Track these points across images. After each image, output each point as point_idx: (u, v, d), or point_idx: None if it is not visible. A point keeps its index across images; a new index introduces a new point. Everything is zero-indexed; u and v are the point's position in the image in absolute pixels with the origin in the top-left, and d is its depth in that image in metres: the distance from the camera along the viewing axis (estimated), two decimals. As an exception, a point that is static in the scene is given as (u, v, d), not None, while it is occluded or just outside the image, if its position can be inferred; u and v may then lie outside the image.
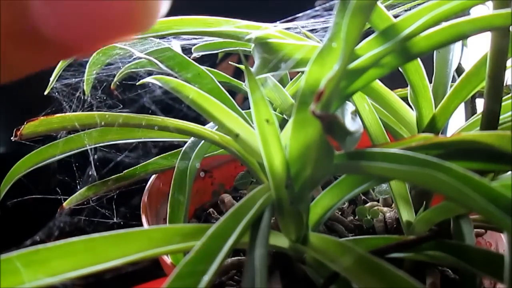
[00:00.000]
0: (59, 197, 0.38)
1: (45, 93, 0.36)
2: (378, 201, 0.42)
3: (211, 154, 0.41)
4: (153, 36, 0.33)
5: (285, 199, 0.25)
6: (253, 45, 0.29)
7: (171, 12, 0.17)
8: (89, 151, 0.34)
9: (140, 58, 0.36)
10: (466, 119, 0.41)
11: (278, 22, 0.35)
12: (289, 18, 0.36)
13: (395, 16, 0.27)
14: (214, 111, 0.31)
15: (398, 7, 0.35)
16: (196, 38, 0.38)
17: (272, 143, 0.24)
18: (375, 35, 0.24)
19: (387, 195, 0.41)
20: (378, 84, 0.34)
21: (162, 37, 0.36)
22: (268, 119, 0.23)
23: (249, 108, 0.24)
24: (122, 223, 0.40)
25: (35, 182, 0.37)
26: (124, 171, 0.39)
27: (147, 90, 0.36)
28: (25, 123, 0.31)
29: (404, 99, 0.35)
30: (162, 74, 0.34)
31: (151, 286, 0.54)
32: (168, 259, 0.33)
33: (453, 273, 0.34)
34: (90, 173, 0.35)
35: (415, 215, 0.32)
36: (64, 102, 0.37)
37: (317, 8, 0.32)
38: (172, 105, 0.35)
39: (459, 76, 0.32)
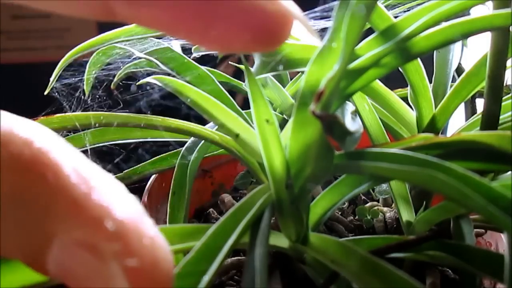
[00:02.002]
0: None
1: (45, 93, 0.36)
2: (378, 201, 0.42)
3: (211, 154, 0.40)
4: (153, 36, 0.33)
5: (285, 199, 0.25)
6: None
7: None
8: (88, 151, 0.34)
9: (140, 58, 0.36)
10: (466, 119, 0.41)
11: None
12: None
13: (395, 16, 0.27)
14: (214, 111, 0.31)
15: (398, 7, 0.35)
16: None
17: (272, 143, 0.24)
18: (375, 35, 0.24)
19: (387, 195, 0.41)
20: (378, 84, 0.34)
21: (162, 37, 0.36)
22: (268, 119, 0.23)
23: (249, 108, 0.24)
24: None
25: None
26: (124, 171, 0.39)
27: (147, 90, 0.36)
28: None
29: (404, 99, 0.35)
30: (162, 74, 0.34)
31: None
32: (168, 259, 0.33)
33: (453, 273, 0.34)
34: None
35: (415, 215, 0.32)
36: (64, 102, 0.37)
37: (316, 9, 0.32)
38: (171, 105, 0.35)
39: (459, 76, 0.32)
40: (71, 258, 0.13)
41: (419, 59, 0.32)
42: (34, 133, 0.13)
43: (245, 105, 0.29)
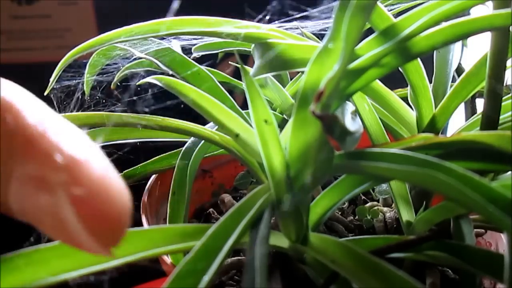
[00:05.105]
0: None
1: (45, 93, 0.36)
2: (378, 201, 0.42)
3: (211, 154, 0.40)
4: (153, 37, 0.33)
5: (285, 199, 0.25)
6: (253, 45, 0.29)
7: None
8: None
9: (140, 58, 0.36)
10: (466, 119, 0.41)
11: (277, 22, 0.35)
12: (289, 18, 0.36)
13: (395, 16, 0.27)
14: (214, 111, 0.31)
15: (398, 7, 0.35)
16: (196, 39, 0.38)
17: (271, 143, 0.24)
18: (375, 35, 0.24)
19: (387, 195, 0.41)
20: (378, 84, 0.34)
21: (162, 37, 0.36)
22: (266, 119, 0.23)
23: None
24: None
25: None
26: (124, 171, 0.39)
27: (147, 90, 0.36)
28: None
29: (404, 99, 0.35)
30: (162, 74, 0.34)
31: (151, 286, 0.54)
32: (168, 259, 0.33)
33: (453, 273, 0.34)
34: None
35: (415, 215, 0.32)
36: (64, 103, 0.37)
37: (316, 9, 0.32)
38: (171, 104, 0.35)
39: (459, 76, 0.32)
40: (24, 193, 0.13)
41: (419, 59, 0.32)
42: None
43: (245, 105, 0.29)
